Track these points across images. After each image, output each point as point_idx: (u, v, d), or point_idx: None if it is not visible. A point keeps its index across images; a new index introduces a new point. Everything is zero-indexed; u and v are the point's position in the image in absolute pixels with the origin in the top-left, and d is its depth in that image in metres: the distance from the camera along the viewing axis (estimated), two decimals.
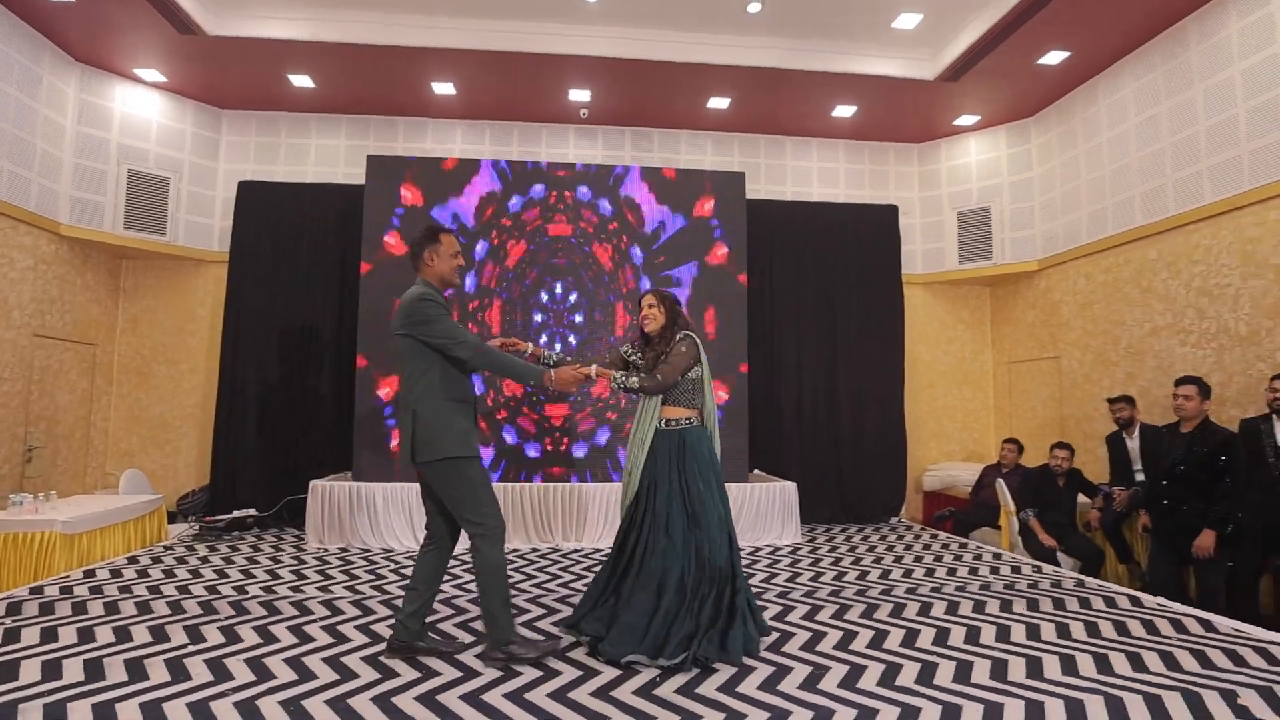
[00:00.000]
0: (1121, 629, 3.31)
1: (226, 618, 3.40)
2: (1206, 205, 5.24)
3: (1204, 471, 4.06)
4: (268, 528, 5.99)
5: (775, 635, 3.24)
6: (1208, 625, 3.36)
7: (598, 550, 5.32)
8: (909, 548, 5.58)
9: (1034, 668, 2.79)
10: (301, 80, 6.43)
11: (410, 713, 2.37)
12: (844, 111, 7.04)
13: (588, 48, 6.03)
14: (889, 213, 7.48)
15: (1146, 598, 3.94)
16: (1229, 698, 2.46)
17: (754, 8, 5.66)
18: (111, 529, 4.66)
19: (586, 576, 4.42)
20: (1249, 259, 4.95)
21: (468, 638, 3.19)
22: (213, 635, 3.13)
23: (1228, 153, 5.09)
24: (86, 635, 3.06)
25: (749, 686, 2.63)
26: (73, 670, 2.65)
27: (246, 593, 3.89)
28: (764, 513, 5.73)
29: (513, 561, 4.83)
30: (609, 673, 2.76)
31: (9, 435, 5.52)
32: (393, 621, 3.18)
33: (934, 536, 6.09)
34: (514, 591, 3.94)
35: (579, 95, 6.72)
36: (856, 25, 5.95)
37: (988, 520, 6.00)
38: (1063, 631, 3.28)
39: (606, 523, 5.58)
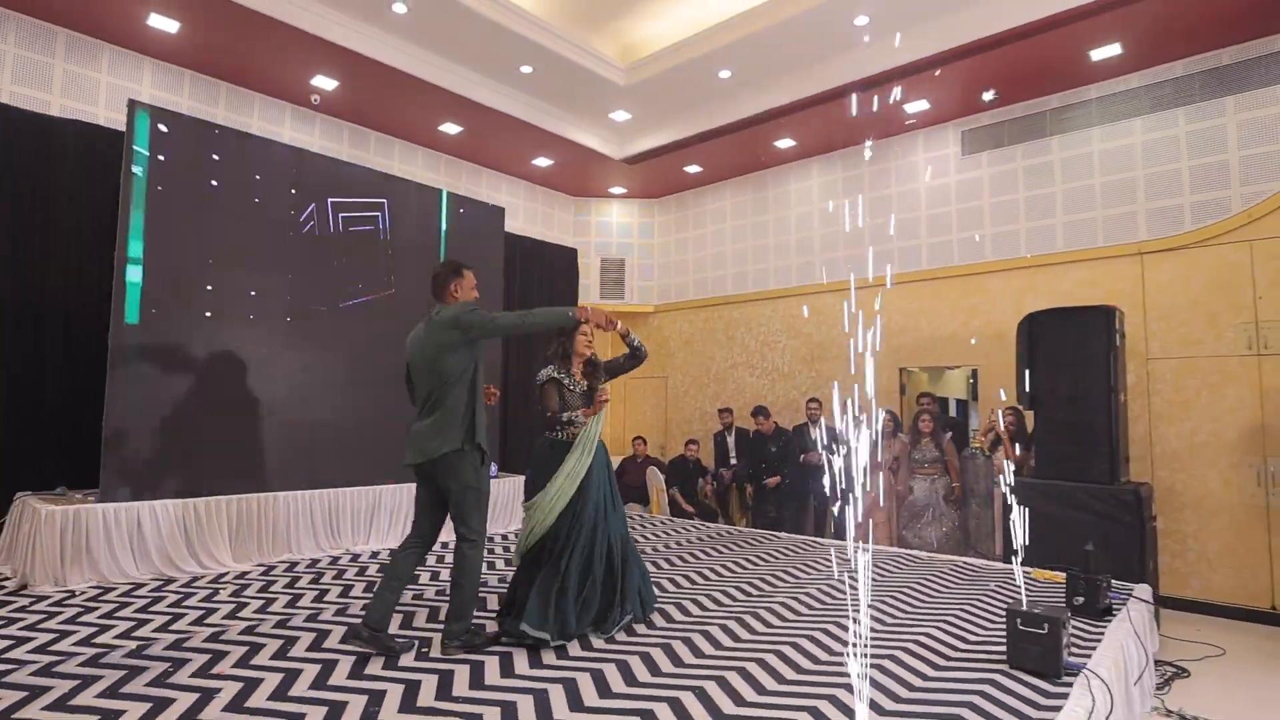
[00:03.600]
0: (780, 554, 5.59)
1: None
2: (770, 290, 8.43)
3: (774, 454, 7.02)
4: None
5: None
6: (817, 543, 5.96)
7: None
8: None
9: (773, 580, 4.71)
10: None
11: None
12: (542, 162, 8.30)
13: (323, 30, 5.71)
14: (572, 253, 9.04)
15: (783, 534, 6.49)
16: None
17: (399, 8, 5.74)
18: None
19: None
20: (790, 328, 8.23)
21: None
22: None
23: (785, 261, 8.33)
24: None
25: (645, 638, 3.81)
26: None
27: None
28: (508, 503, 6.59)
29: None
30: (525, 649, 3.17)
31: None
32: (365, 607, 3.22)
33: None
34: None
35: (324, 83, 6.28)
36: (586, 104, 7.34)
37: (635, 498, 8.11)
38: (767, 561, 5.36)
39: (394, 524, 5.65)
